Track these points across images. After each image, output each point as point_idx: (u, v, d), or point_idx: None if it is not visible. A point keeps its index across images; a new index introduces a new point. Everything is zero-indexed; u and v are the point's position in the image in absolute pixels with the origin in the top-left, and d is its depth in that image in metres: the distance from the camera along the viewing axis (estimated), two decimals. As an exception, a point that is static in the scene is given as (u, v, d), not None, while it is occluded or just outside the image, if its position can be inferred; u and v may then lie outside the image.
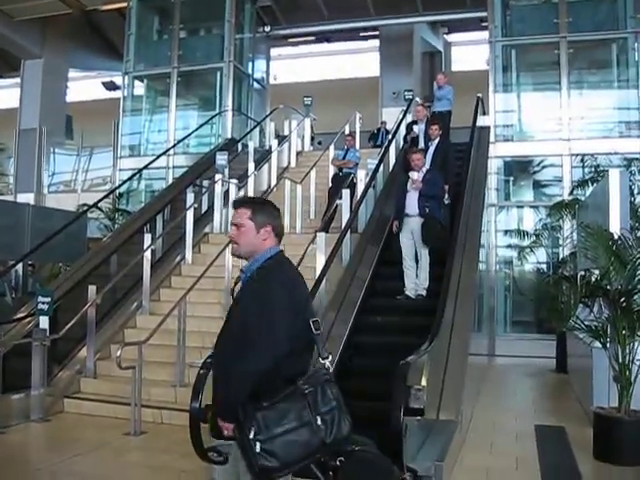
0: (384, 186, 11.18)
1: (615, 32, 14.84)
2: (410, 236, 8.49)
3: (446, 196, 9.30)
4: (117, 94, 21.27)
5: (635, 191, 11.18)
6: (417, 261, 8.49)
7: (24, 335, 8.28)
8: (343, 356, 7.07)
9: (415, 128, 11.74)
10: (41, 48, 21.09)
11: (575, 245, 12.18)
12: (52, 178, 21.19)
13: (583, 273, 9.48)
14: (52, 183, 21.17)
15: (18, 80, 22.03)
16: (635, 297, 6.26)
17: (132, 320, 9.50)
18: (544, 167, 15.29)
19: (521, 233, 13.70)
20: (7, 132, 21.35)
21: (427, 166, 9.27)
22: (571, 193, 13.21)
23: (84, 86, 27.78)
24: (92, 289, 8.49)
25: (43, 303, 7.86)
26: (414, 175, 8.58)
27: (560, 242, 13.77)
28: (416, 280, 8.45)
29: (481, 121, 13.60)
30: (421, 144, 10.90)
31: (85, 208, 13.53)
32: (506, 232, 14.44)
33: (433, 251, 8.45)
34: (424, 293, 8.40)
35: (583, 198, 12.13)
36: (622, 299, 6.22)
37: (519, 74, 15.83)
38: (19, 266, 12.07)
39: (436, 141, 10.15)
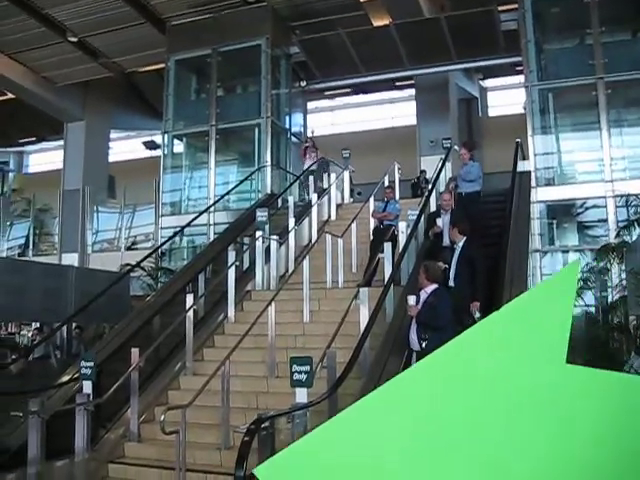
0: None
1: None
2: None
3: (477, 313, 7.91)
4: (158, 152, 21.67)
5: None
6: None
7: (68, 399, 8.26)
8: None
9: (439, 221, 10.16)
10: (83, 111, 21.71)
11: (625, 289, 11.86)
12: (96, 236, 21.50)
13: (635, 321, 9.20)
14: (96, 241, 21.47)
15: (62, 142, 22.66)
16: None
17: (176, 381, 9.39)
18: (587, 209, 15.02)
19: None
20: (52, 193, 21.89)
21: (453, 272, 8.34)
22: (617, 235, 12.93)
23: (126, 146, 28.48)
24: (135, 352, 8.43)
25: (86, 367, 7.84)
26: (410, 300, 6.98)
27: (609, 284, 13.42)
28: None
29: (521, 166, 13.45)
30: (445, 241, 9.67)
31: (128, 268, 13.62)
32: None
33: None
34: None
35: (629, 239, 11.89)
36: (680, 349, 5.99)
37: (557, 117, 15.70)
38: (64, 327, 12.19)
39: (461, 243, 8.66)
